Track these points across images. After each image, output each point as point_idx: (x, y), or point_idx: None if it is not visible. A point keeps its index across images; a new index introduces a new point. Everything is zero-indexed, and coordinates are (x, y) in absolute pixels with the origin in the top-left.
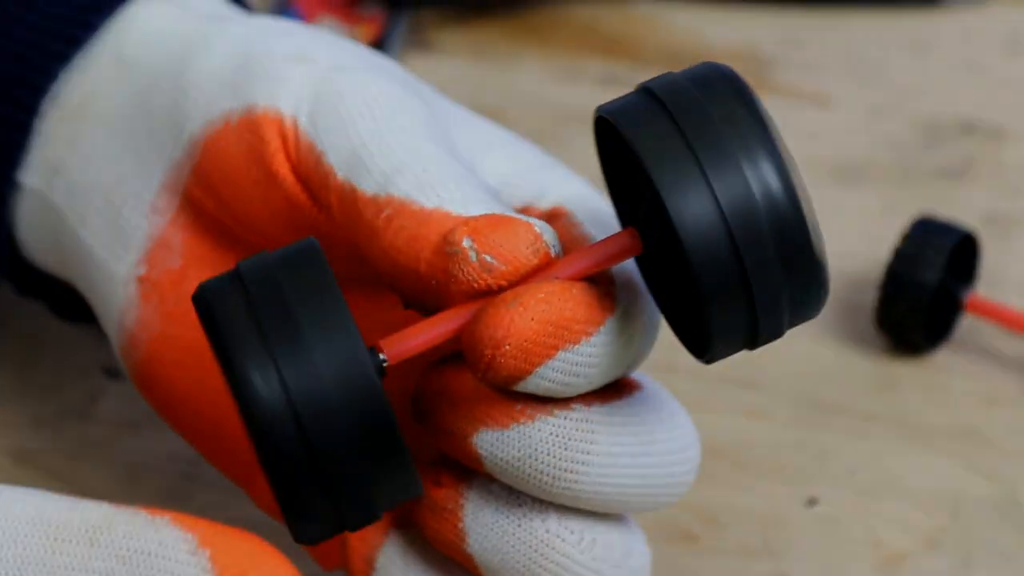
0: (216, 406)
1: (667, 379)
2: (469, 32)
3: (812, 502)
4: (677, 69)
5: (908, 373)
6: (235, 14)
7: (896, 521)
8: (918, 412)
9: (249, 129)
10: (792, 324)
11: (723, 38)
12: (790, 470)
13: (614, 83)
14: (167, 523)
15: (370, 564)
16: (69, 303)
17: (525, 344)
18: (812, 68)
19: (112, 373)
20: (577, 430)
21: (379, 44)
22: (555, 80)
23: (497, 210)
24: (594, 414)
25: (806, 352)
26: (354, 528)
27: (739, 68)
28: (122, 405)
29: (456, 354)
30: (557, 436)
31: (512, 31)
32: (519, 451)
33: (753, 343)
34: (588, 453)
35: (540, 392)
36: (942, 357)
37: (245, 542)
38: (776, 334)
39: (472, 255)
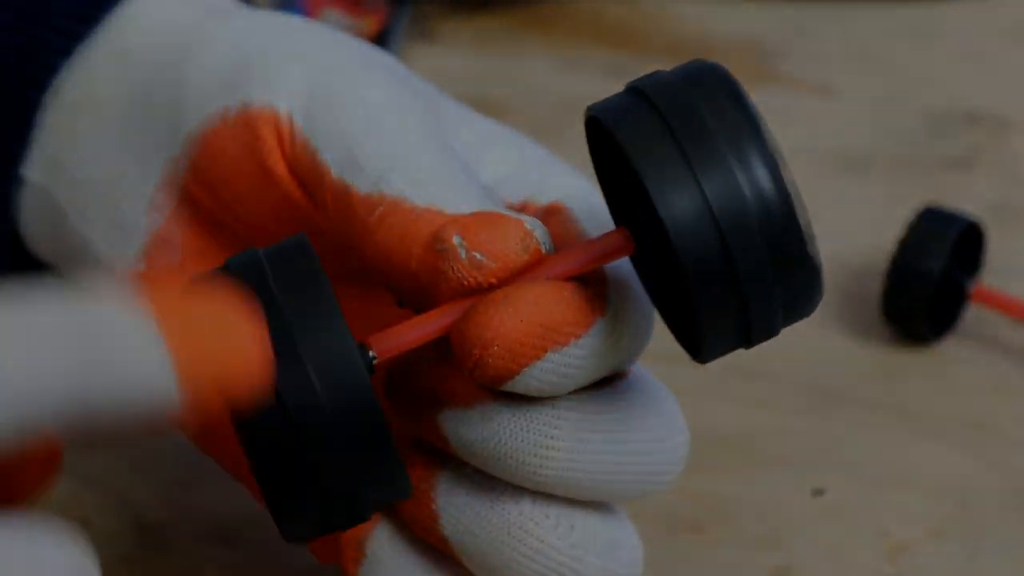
0: None
1: (671, 369)
2: (473, 23)
3: (818, 492)
4: (682, 60)
5: (914, 363)
6: (236, 8)
7: (902, 511)
8: (924, 402)
9: (245, 126)
10: (786, 323)
11: (728, 29)
12: (796, 460)
13: (618, 74)
14: (118, 304)
15: (361, 550)
16: None
17: (514, 345)
18: (817, 59)
19: None
20: (540, 413)
21: (383, 36)
22: (559, 71)
23: (489, 208)
24: (560, 399)
25: (812, 342)
26: (342, 528)
27: (744, 59)
28: None
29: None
30: (518, 418)
31: (516, 22)
32: (482, 431)
33: (747, 342)
34: (553, 438)
35: (530, 392)
36: (948, 347)
37: (203, 306)
38: (770, 333)
39: (462, 252)
